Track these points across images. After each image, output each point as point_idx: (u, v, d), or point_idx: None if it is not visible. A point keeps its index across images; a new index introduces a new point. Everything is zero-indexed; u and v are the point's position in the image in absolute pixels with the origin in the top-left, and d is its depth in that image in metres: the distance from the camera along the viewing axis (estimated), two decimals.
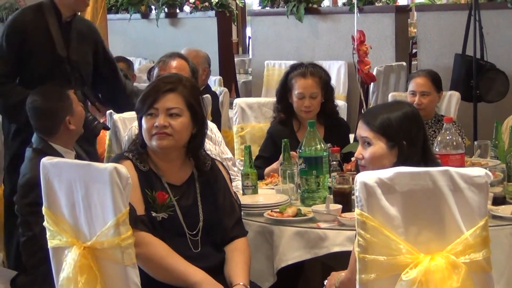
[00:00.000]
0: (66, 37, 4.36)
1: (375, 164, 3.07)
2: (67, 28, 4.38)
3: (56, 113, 3.90)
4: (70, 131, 3.92)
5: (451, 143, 3.74)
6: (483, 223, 2.63)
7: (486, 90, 6.93)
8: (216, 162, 3.51)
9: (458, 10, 8.11)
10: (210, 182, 3.41)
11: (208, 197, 3.38)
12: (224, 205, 3.40)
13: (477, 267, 2.62)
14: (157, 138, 3.28)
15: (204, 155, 3.46)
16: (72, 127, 3.92)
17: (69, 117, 3.91)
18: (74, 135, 3.98)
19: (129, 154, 3.34)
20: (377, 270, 2.59)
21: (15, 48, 4.31)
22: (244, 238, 3.41)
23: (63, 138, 3.92)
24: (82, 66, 4.43)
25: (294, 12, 9.04)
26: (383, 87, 8.13)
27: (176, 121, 3.28)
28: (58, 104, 3.92)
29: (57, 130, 3.90)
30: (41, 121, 3.93)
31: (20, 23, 4.36)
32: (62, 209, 2.98)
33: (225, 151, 4.47)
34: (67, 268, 2.94)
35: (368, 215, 2.58)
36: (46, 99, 3.94)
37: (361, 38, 5.51)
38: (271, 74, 9.27)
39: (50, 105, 3.92)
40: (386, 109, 3.17)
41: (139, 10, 10.09)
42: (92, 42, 4.54)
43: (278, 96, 4.63)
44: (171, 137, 3.28)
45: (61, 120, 3.89)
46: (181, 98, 3.30)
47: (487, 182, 2.65)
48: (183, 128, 3.30)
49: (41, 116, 3.92)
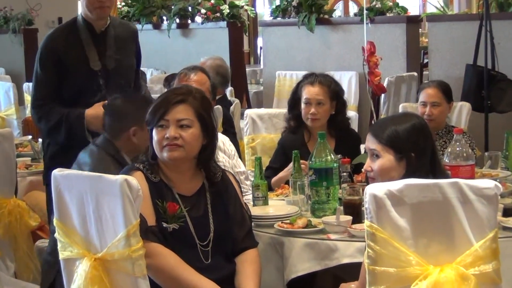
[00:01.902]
0: (101, 48, 4.31)
1: (384, 176, 3.08)
2: (102, 38, 4.32)
3: (125, 117, 3.82)
4: (132, 143, 3.81)
5: (461, 155, 3.74)
6: (493, 235, 2.63)
7: (497, 100, 6.92)
8: (227, 173, 3.51)
9: (469, 20, 8.11)
10: (220, 193, 3.41)
11: (218, 207, 3.39)
12: (234, 216, 3.40)
13: (486, 279, 2.62)
14: (168, 150, 3.29)
15: (215, 166, 3.47)
16: (135, 140, 3.80)
17: (136, 128, 3.79)
18: (133, 150, 3.83)
19: (140, 165, 3.35)
20: (387, 282, 2.60)
21: (50, 70, 4.25)
22: (255, 249, 3.41)
23: (123, 146, 3.82)
24: (122, 73, 4.36)
25: (305, 22, 9.05)
26: (394, 97, 8.13)
27: (187, 132, 3.29)
28: (131, 110, 3.83)
29: (119, 135, 3.81)
30: (110, 119, 3.86)
31: (52, 45, 4.30)
32: (73, 220, 2.99)
33: (238, 165, 4.48)
34: (78, 280, 2.95)
35: (378, 227, 2.59)
36: (124, 100, 3.90)
37: (371, 49, 5.51)
38: (282, 85, 9.27)
39: (124, 107, 3.86)
40: (394, 121, 3.18)
41: (151, 21, 10.12)
42: (133, 43, 4.48)
43: (289, 105, 4.65)
44: (182, 148, 3.29)
45: (127, 126, 3.80)
46: (191, 109, 3.31)
47: (497, 193, 2.65)
48: (194, 139, 3.30)
49: (112, 115, 3.86)
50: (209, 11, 9.65)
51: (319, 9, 9.07)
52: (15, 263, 4.33)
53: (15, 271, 4.29)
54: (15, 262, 4.33)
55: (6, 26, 10.92)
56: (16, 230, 4.30)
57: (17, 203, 4.35)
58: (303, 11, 9.11)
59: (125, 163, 3.72)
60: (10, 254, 4.29)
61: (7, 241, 4.26)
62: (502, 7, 7.87)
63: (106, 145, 3.81)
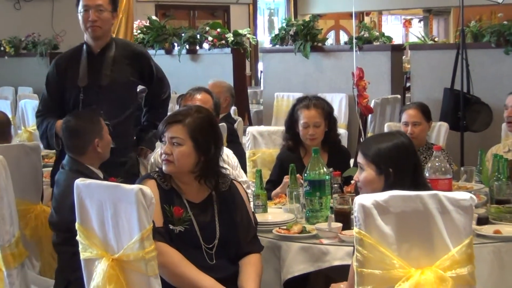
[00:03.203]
0: (97, 67, 4.34)
1: (367, 186, 3.10)
2: (99, 57, 4.36)
3: (86, 133, 3.87)
4: (97, 153, 3.89)
5: (440, 169, 3.74)
6: (468, 241, 2.62)
7: (472, 121, 6.93)
8: (235, 183, 3.49)
9: (447, 49, 8.13)
10: (227, 202, 3.40)
11: (225, 215, 3.37)
12: (241, 222, 3.38)
13: (462, 281, 2.61)
14: (164, 164, 3.33)
15: (223, 176, 3.44)
16: (100, 150, 3.88)
17: (98, 140, 3.88)
18: (100, 159, 3.93)
19: (154, 174, 3.38)
20: (373, 283, 2.59)
21: (51, 85, 4.40)
22: (258, 254, 3.39)
23: (90, 159, 3.88)
24: (115, 89, 4.34)
25: (301, 49, 9.06)
26: (380, 117, 8.14)
27: (177, 149, 3.29)
28: (89, 126, 3.90)
29: (85, 150, 3.86)
30: (72, 140, 3.89)
31: (56, 63, 4.43)
32: (93, 225, 2.99)
33: (240, 175, 4.48)
34: (97, 278, 2.95)
35: (365, 233, 2.58)
36: (79, 119, 3.93)
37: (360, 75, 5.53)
38: (280, 105, 9.28)
39: (82, 125, 3.90)
40: (379, 140, 3.19)
41: (163, 47, 10.13)
42: (135, 63, 4.45)
43: (286, 126, 4.64)
44: (173, 163, 3.29)
45: (90, 141, 3.86)
46: (185, 129, 3.29)
47: (472, 204, 2.64)
48: (183, 156, 3.29)
49: (72, 135, 3.89)
50: (215, 38, 9.66)
51: (313, 38, 9.10)
52: (40, 262, 4.31)
53: (40, 270, 4.28)
54: (40, 261, 4.32)
55: (34, 50, 10.93)
56: (42, 232, 4.29)
57: (43, 208, 4.34)
58: (299, 40, 9.14)
59: (93, 175, 3.77)
60: (36, 254, 4.27)
61: (33, 243, 4.25)
62: (477, 37, 7.89)
63: (72, 164, 3.87)
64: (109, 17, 4.35)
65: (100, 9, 4.30)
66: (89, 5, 4.29)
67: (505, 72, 7.48)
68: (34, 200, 4.32)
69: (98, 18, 4.30)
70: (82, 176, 3.55)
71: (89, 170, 3.83)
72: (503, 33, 7.42)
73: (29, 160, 4.25)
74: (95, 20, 4.29)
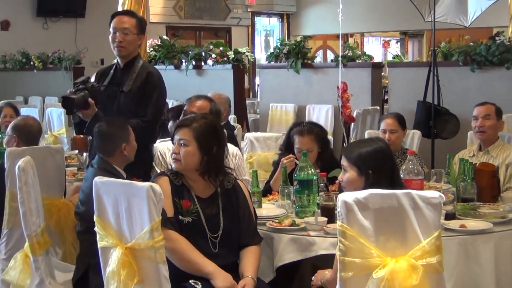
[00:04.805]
0: (119, 77, 4.39)
1: (349, 186, 3.10)
2: (124, 71, 4.39)
3: (115, 138, 3.86)
4: (124, 156, 3.88)
5: (413, 171, 3.73)
6: (437, 234, 2.61)
7: (441, 129, 6.95)
8: (239, 182, 3.49)
9: (420, 66, 8.18)
10: (231, 198, 3.40)
11: (229, 210, 3.37)
12: (243, 217, 3.38)
13: (432, 269, 2.61)
14: (173, 162, 3.36)
15: (228, 174, 3.44)
16: (126, 153, 3.88)
17: (125, 145, 3.87)
18: (125, 161, 3.92)
19: (168, 171, 3.40)
20: (353, 269, 2.58)
21: None
22: (258, 245, 3.38)
23: (117, 160, 3.87)
24: (132, 97, 4.32)
25: (293, 66, 9.09)
26: (361, 125, 8.15)
27: (183, 150, 3.31)
28: (118, 132, 3.89)
29: (113, 153, 3.85)
30: (103, 143, 3.88)
31: (97, 72, 4.59)
32: (109, 217, 2.98)
33: (242, 173, 4.43)
34: (112, 264, 2.94)
35: (347, 227, 2.57)
36: (110, 126, 3.91)
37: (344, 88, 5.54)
38: (274, 114, 9.32)
39: (112, 131, 3.88)
40: (360, 145, 3.20)
41: (173, 63, 10.13)
42: (146, 81, 4.38)
43: (283, 146, 4.57)
44: (180, 162, 3.32)
45: (118, 145, 3.85)
46: (191, 132, 3.31)
47: (441, 202, 2.63)
48: (188, 156, 3.30)
49: (104, 139, 3.88)
50: (218, 56, 9.66)
51: (304, 56, 9.13)
52: (62, 250, 4.30)
53: (61, 256, 4.27)
54: (62, 249, 4.30)
55: (60, 64, 10.93)
56: (64, 224, 4.27)
57: (65, 202, 4.33)
58: (292, 57, 9.17)
59: (117, 174, 3.79)
60: (59, 243, 4.26)
61: (57, 233, 4.24)
62: (446, 56, 7.93)
63: (100, 163, 3.87)
64: (134, 38, 4.36)
65: (126, 32, 4.32)
66: (116, 27, 4.33)
67: (471, 87, 7.51)
68: (58, 196, 4.31)
69: (124, 39, 4.32)
70: (108, 174, 3.57)
71: (115, 169, 3.83)
72: (469, 53, 7.45)
73: (54, 160, 4.24)
74: (121, 41, 4.32)
